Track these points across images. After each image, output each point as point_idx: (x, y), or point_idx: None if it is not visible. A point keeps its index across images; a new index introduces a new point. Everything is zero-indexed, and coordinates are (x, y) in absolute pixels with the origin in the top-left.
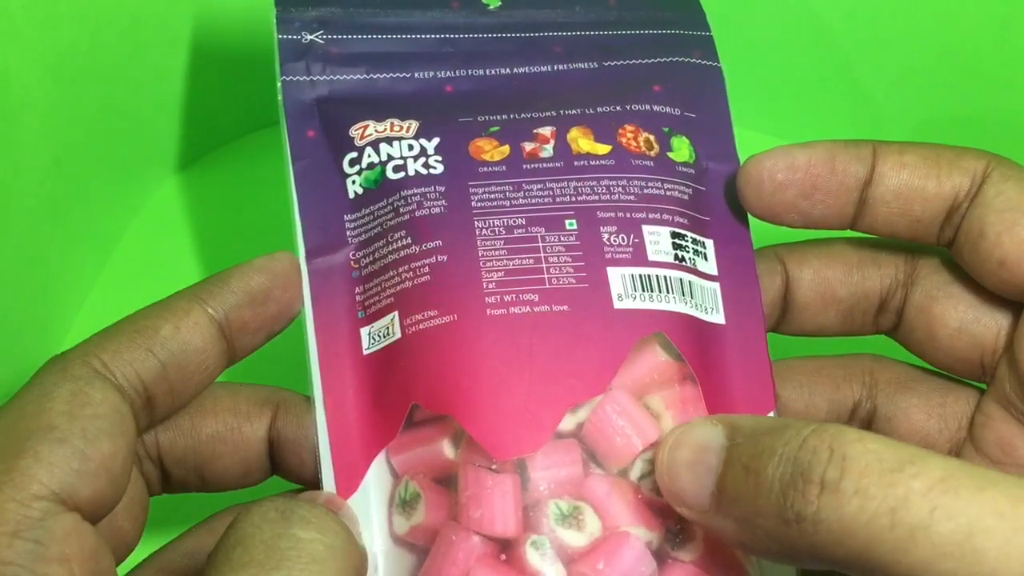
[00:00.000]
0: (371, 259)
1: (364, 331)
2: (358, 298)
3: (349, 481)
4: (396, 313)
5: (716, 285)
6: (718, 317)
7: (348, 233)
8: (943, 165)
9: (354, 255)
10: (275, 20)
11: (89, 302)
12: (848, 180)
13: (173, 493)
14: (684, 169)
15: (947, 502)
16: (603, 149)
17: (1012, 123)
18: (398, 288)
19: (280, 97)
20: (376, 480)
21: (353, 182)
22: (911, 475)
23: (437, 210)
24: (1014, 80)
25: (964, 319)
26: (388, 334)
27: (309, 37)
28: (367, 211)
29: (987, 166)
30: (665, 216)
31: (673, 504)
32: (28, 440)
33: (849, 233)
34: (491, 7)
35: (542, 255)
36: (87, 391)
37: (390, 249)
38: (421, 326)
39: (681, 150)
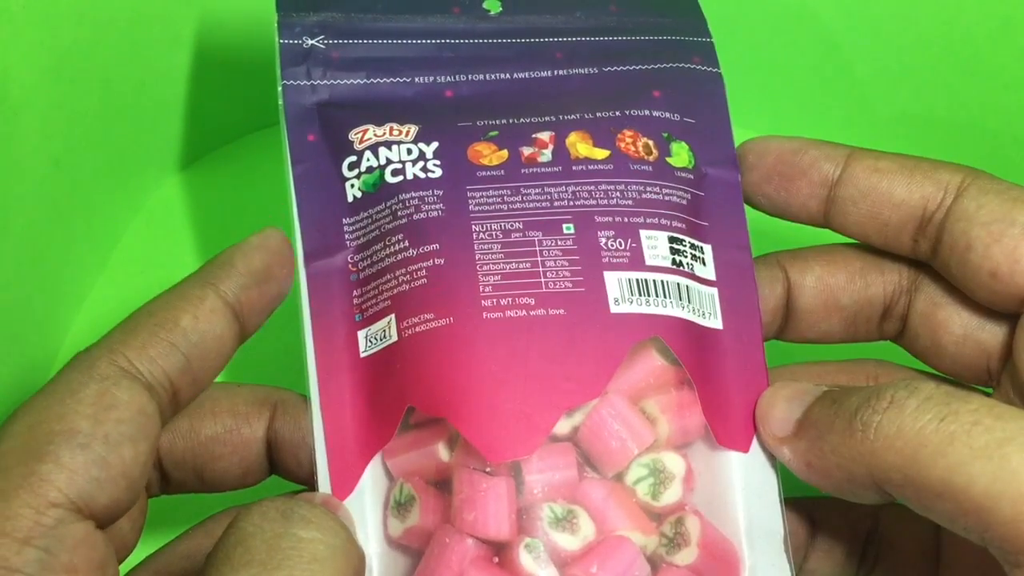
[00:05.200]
0: (369, 262)
1: (361, 334)
2: (356, 301)
3: (345, 483)
4: (393, 316)
5: (714, 290)
6: (715, 322)
7: (346, 236)
8: (916, 174)
9: (352, 258)
10: (276, 24)
11: (89, 302)
12: (813, 174)
13: (172, 494)
14: (683, 174)
15: (988, 420)
16: (602, 154)
17: (1012, 123)
18: (395, 291)
19: (281, 101)
20: (371, 482)
21: (352, 186)
22: (963, 399)
23: (435, 214)
24: (1014, 80)
25: (969, 325)
26: (385, 337)
27: (310, 42)
28: (365, 215)
29: (963, 180)
30: (663, 221)
31: (759, 426)
32: (51, 444)
33: (851, 239)
34: (492, 12)
35: (539, 259)
36: (113, 392)
37: (388, 252)
38: (417, 329)
39: (680, 155)
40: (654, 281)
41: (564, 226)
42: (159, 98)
